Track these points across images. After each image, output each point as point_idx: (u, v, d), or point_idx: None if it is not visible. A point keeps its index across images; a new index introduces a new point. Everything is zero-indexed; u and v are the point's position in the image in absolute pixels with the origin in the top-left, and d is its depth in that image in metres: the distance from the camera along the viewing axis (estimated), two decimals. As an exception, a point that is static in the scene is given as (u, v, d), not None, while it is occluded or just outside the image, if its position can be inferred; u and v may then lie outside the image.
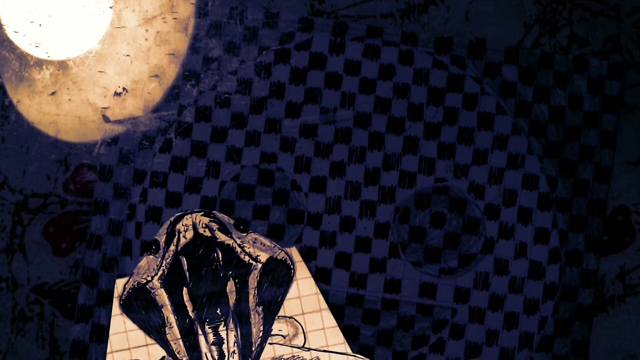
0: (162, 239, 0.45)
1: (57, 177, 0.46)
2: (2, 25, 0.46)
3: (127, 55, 0.46)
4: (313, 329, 0.46)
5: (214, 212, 0.46)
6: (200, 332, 0.45)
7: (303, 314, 0.46)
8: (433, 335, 0.46)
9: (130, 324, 0.45)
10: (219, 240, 0.45)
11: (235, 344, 0.45)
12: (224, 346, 0.45)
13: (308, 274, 0.46)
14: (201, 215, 0.45)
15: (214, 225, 0.45)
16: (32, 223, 0.44)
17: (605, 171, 0.47)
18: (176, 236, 0.45)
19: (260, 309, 0.45)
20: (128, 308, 0.45)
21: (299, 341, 0.46)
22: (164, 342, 0.45)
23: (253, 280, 0.45)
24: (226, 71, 0.46)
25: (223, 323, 0.45)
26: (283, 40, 0.46)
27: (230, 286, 0.45)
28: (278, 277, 0.45)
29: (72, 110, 0.46)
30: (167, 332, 0.45)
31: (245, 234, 0.45)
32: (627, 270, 0.47)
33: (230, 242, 0.45)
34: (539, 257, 0.46)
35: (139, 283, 0.45)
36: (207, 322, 0.45)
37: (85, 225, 0.46)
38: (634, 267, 0.47)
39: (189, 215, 0.45)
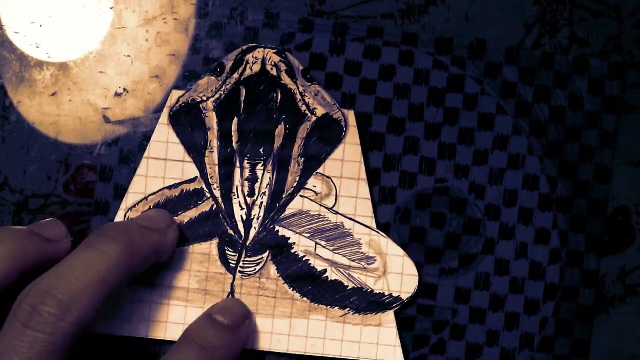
0: (228, 64, 0.45)
1: (58, 177, 0.46)
2: (2, 26, 0.46)
3: (128, 56, 0.46)
4: (346, 194, 0.45)
5: (286, 53, 0.45)
6: (238, 164, 0.45)
7: (341, 177, 0.45)
8: (434, 335, 0.46)
9: (173, 137, 0.45)
10: (283, 82, 0.45)
11: (268, 186, 0.45)
12: (257, 185, 0.45)
13: (357, 140, 0.45)
14: (273, 53, 0.45)
15: (283, 67, 0.45)
16: (32, 224, 0.44)
17: (605, 172, 0.47)
18: (243, 65, 0.45)
19: (302, 160, 0.45)
20: (176, 120, 0.45)
21: (330, 202, 0.45)
22: (201, 164, 0.45)
23: (304, 130, 0.45)
24: (227, 72, 0.46)
25: (262, 163, 0.45)
26: (283, 41, 0.46)
27: (280, 130, 0.45)
28: (328, 135, 0.45)
29: (73, 111, 0.46)
30: (206, 155, 0.45)
31: (310, 84, 0.45)
32: (628, 271, 0.47)
33: (294, 87, 0.45)
34: (540, 258, 0.46)
35: (193, 100, 0.45)
36: (248, 157, 0.45)
37: (86, 226, 0.46)
38: (635, 267, 0.47)
39: (262, 49, 0.45)
